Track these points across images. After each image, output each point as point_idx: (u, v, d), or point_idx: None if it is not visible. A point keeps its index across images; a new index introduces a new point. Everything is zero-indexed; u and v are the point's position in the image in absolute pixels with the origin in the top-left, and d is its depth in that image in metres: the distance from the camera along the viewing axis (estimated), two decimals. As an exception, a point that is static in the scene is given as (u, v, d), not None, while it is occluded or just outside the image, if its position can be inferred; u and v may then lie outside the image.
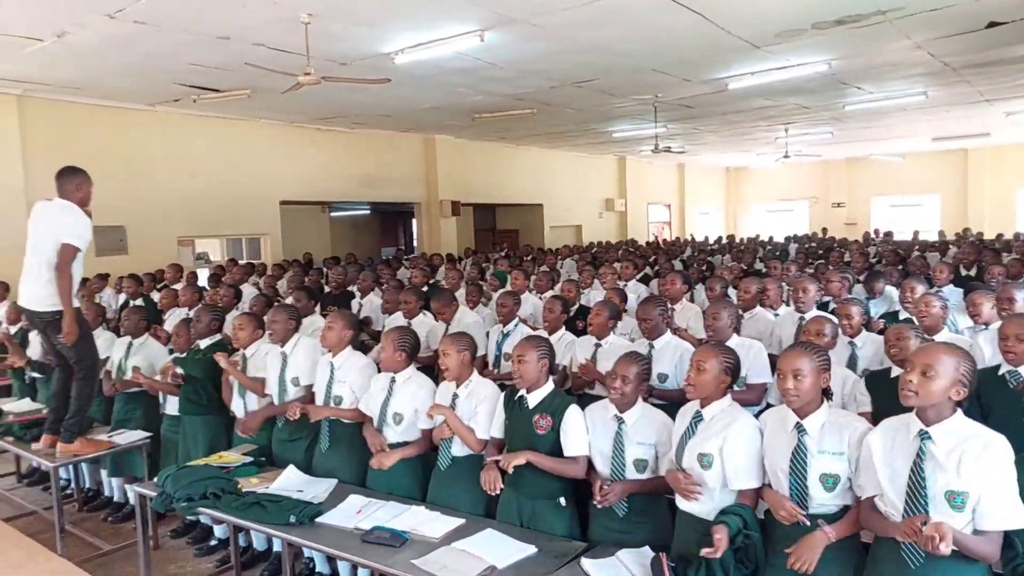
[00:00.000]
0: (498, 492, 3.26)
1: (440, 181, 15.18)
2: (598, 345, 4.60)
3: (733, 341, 4.08)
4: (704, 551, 2.55)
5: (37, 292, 4.29)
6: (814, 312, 4.97)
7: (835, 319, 4.37)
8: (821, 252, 11.96)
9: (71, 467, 5.55)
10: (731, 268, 8.71)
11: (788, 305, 5.53)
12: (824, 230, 19.36)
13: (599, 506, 3.06)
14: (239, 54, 7.56)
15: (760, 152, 20.47)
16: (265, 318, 4.55)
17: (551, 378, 3.41)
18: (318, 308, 6.62)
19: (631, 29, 7.28)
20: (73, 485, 5.78)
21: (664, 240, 19.45)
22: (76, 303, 4.42)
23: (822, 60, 8.99)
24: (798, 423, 2.67)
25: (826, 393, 2.73)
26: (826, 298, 5.77)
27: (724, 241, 17.57)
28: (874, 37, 7.93)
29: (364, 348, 5.28)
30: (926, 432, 2.34)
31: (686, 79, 9.93)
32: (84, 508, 5.59)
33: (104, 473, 5.42)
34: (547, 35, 7.36)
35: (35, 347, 5.80)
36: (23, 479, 6.22)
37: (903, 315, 5.26)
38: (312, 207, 16.24)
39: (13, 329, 6.49)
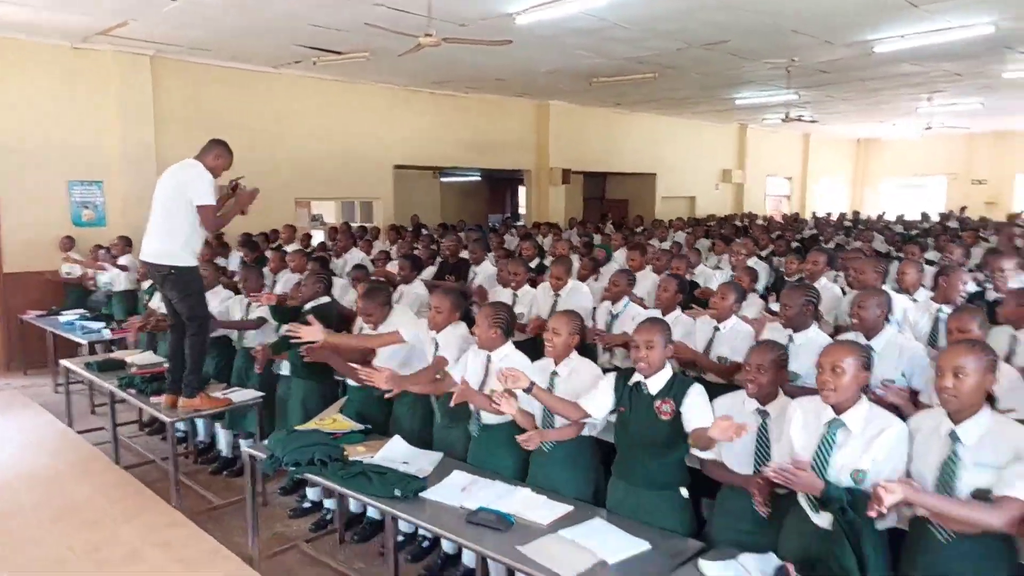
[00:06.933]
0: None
1: (551, 148, 14.85)
2: (717, 328, 4.33)
3: (886, 335, 3.70)
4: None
5: (157, 247, 4.38)
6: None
7: None
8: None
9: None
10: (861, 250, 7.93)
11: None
12: (963, 209, 17.80)
13: (757, 504, 2.75)
14: (360, 15, 7.48)
15: (896, 122, 18.93)
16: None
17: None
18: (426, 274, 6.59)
19: (770, -15, 6.70)
20: (188, 437, 5.98)
21: (784, 216, 18.41)
22: (195, 262, 4.48)
23: (988, 21, 8.01)
24: (952, 431, 2.40)
25: (990, 400, 2.44)
26: None
27: (848, 219, 16.34)
28: (1056, -7, 6.99)
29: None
30: None
31: (828, 41, 9.12)
32: (198, 460, 5.77)
33: (218, 426, 5.56)
34: (679, -9, 6.87)
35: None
36: (144, 428, 6.51)
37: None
38: (423, 172, 16.32)
39: (145, 284, 6.79)
